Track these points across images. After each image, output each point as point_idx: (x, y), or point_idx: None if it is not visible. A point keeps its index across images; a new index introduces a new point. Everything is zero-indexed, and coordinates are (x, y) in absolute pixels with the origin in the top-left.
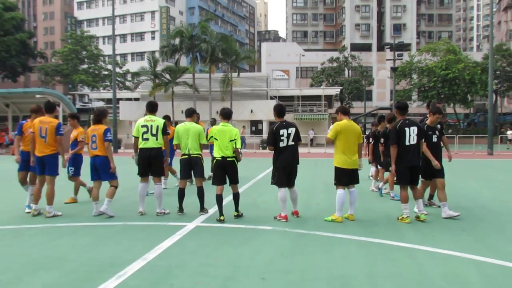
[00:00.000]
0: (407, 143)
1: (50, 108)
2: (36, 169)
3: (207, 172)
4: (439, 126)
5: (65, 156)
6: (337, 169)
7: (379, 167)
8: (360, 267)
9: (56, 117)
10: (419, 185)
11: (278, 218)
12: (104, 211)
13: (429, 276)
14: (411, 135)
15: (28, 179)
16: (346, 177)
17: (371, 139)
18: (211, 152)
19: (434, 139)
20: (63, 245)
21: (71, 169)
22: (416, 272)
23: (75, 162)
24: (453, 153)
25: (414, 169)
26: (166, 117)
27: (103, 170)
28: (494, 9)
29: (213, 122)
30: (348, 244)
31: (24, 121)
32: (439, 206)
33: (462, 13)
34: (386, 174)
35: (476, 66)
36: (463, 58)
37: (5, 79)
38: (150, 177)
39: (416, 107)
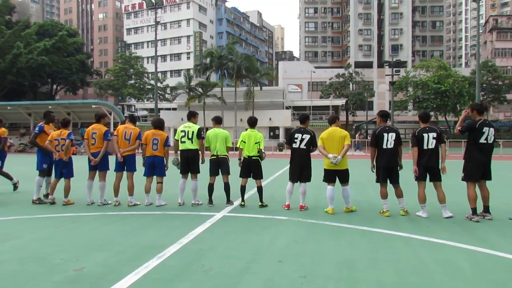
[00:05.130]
0: (384, 146)
1: (133, 120)
2: (117, 166)
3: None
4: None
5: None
6: (325, 170)
7: None
8: (363, 252)
9: (136, 126)
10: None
11: (283, 206)
12: (158, 204)
13: (424, 261)
14: (389, 140)
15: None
16: (331, 176)
17: None
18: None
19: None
20: (113, 230)
21: None
22: (412, 258)
23: None
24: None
25: (391, 169)
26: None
27: (159, 167)
28: (481, 31)
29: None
30: (353, 233)
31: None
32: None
33: (452, 35)
34: None
35: (464, 80)
36: (453, 74)
37: (67, 92)
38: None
39: (411, 115)
